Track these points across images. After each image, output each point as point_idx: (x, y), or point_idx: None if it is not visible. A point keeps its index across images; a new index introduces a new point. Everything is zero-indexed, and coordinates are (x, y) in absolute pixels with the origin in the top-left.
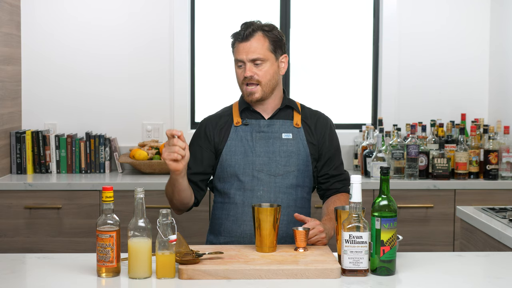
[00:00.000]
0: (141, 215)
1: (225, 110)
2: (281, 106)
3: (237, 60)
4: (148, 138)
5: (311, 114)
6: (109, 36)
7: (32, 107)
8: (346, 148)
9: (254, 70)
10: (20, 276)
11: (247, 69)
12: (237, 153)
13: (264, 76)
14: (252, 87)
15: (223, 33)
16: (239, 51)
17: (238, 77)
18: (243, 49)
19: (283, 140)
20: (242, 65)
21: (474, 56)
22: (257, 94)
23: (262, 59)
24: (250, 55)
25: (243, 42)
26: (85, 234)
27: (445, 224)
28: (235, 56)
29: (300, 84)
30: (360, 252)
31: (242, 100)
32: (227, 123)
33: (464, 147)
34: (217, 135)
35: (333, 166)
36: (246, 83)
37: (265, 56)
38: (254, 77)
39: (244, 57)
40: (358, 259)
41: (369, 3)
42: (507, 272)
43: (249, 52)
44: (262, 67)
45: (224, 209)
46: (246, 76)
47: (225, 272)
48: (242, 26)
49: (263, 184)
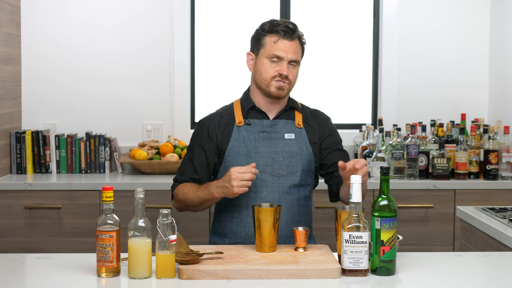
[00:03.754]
0: (141, 215)
1: (225, 109)
2: (287, 107)
3: (276, 55)
4: (148, 138)
5: (311, 113)
6: (109, 36)
7: (32, 107)
8: (346, 148)
9: (289, 70)
10: (20, 276)
11: (284, 67)
12: (240, 154)
13: (294, 78)
14: (283, 83)
15: (223, 33)
16: (282, 48)
17: (268, 71)
18: (289, 47)
19: (285, 140)
20: (278, 61)
21: (474, 56)
22: (285, 90)
23: (298, 62)
24: (292, 56)
25: (288, 40)
26: (85, 234)
27: (445, 224)
28: (275, 51)
29: (300, 84)
30: (360, 252)
31: (248, 98)
32: (229, 122)
33: (464, 147)
34: (220, 134)
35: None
36: (277, 79)
37: (299, 60)
38: (289, 76)
39: (286, 55)
40: (358, 259)
41: (369, 3)
42: (507, 272)
43: (293, 52)
44: (295, 70)
45: (227, 211)
46: (283, 74)
47: (225, 272)
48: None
49: (266, 185)
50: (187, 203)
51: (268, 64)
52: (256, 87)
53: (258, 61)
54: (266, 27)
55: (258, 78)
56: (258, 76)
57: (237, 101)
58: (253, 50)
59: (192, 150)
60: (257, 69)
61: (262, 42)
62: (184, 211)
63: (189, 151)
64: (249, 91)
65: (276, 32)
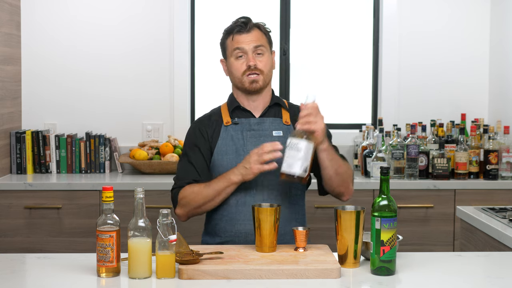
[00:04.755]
0: (141, 215)
1: (214, 111)
2: (271, 104)
3: (237, 49)
4: (148, 138)
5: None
6: (109, 36)
7: (32, 107)
8: (346, 148)
9: (257, 59)
10: (20, 276)
11: (250, 58)
12: (228, 153)
13: (265, 66)
14: (255, 75)
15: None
16: (240, 41)
17: (237, 69)
18: (246, 38)
19: (273, 138)
20: (243, 55)
21: (474, 56)
22: (260, 82)
23: (264, 46)
24: (253, 43)
25: (244, 33)
26: (85, 234)
27: (445, 224)
28: (234, 45)
29: (300, 84)
30: (294, 157)
31: (232, 100)
32: (217, 122)
33: (464, 147)
34: (210, 134)
35: None
36: (248, 73)
37: (265, 46)
38: (258, 65)
39: (246, 45)
40: (291, 164)
41: (369, 3)
42: (507, 272)
43: (253, 41)
44: (263, 57)
45: (218, 210)
46: (250, 64)
47: (225, 272)
48: (238, 22)
49: (256, 183)
50: (198, 203)
51: (235, 61)
52: (235, 88)
53: (228, 64)
54: (224, 31)
55: (233, 79)
56: (232, 77)
57: (224, 104)
58: (223, 56)
59: (188, 154)
60: (229, 71)
61: (225, 46)
62: (189, 218)
63: (184, 155)
64: (233, 94)
65: (231, 32)
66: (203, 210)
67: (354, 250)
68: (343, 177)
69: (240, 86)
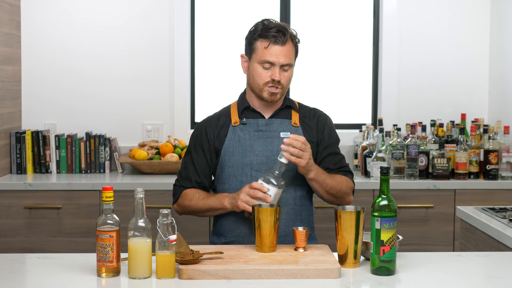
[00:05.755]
0: (141, 215)
1: (223, 110)
2: (282, 106)
3: (267, 61)
4: (148, 138)
5: (309, 112)
6: (109, 36)
7: (32, 107)
8: (346, 148)
9: (282, 74)
10: (20, 276)
11: (277, 73)
12: (235, 154)
13: (287, 81)
14: (276, 88)
15: (223, 33)
16: (273, 54)
17: (261, 77)
18: (280, 52)
19: (281, 139)
20: (270, 67)
21: (474, 57)
22: (279, 95)
23: (291, 65)
24: (284, 60)
25: (279, 45)
26: (85, 234)
27: (445, 224)
28: (266, 57)
29: (300, 84)
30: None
31: (243, 100)
32: (225, 123)
33: (464, 147)
34: (217, 136)
35: (333, 161)
36: (270, 85)
37: (292, 62)
38: (281, 80)
39: (277, 60)
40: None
41: (369, 3)
42: (507, 272)
43: (285, 56)
44: (288, 73)
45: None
46: (275, 79)
47: (225, 272)
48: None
49: None
50: (192, 210)
51: (260, 69)
52: (250, 89)
53: (250, 66)
54: (258, 30)
55: (252, 83)
56: (251, 81)
57: (234, 103)
58: (246, 53)
59: (192, 153)
60: (250, 74)
61: (254, 47)
62: (184, 214)
63: (188, 153)
64: (245, 93)
65: (267, 37)
66: (197, 216)
67: (354, 250)
68: (336, 196)
69: (257, 93)
